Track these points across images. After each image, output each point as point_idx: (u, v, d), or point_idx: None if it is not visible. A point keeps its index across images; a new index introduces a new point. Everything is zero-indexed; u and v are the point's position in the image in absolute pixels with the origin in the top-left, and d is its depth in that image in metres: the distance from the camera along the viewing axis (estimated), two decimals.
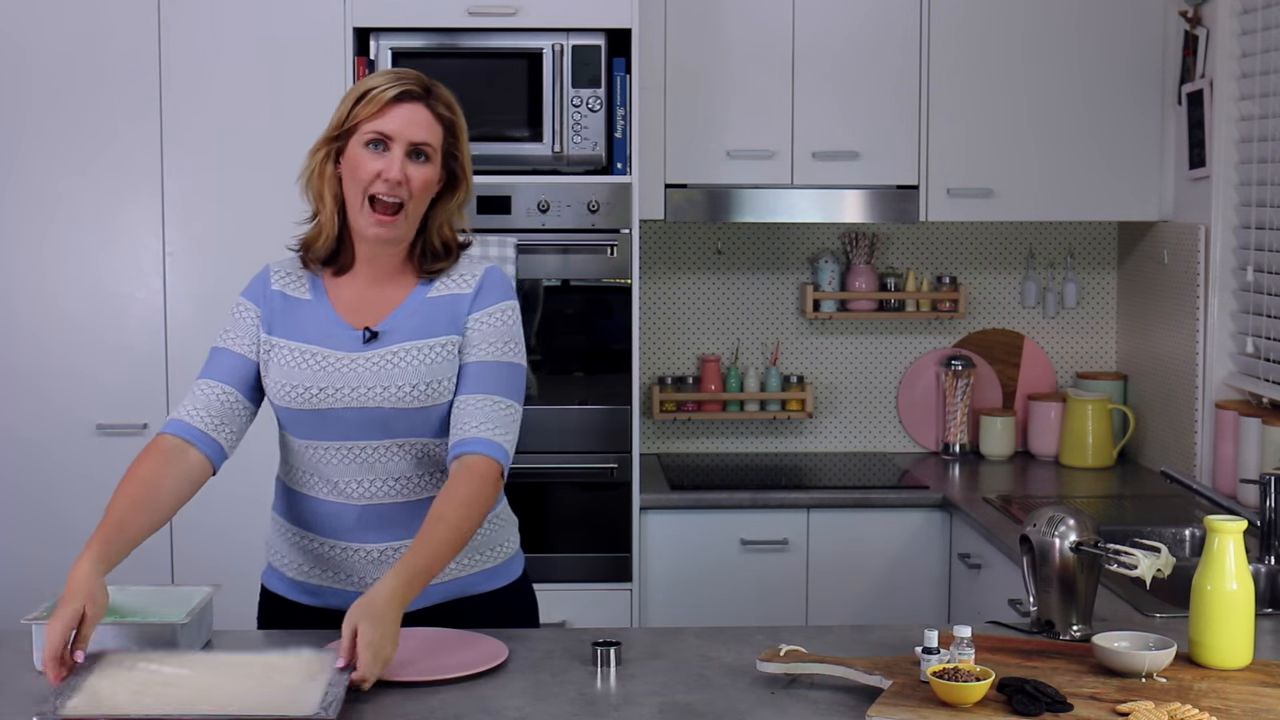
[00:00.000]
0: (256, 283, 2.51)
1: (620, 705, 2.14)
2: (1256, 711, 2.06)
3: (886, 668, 2.19)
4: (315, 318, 2.45)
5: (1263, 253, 3.75)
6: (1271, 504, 3.08)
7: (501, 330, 2.45)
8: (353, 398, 2.39)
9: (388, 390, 2.39)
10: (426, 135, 2.39)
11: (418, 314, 2.44)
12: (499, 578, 2.56)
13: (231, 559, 3.86)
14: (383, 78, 2.40)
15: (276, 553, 2.57)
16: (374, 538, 2.45)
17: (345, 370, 2.40)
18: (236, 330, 2.47)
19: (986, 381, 4.56)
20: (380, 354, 2.41)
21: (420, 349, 2.41)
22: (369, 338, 2.42)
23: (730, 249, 4.52)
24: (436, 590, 2.46)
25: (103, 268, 3.89)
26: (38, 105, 3.84)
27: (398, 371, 2.40)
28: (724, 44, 4.12)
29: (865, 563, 3.99)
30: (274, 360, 2.43)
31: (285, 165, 3.84)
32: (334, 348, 2.42)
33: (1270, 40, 3.70)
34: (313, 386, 2.40)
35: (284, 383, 2.42)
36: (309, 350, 2.42)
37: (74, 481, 3.89)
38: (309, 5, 3.84)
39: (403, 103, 2.38)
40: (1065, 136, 4.18)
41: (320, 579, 2.51)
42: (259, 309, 2.47)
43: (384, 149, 2.37)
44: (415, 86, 2.40)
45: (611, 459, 3.85)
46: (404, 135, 2.37)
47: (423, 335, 2.42)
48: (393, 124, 2.37)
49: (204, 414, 2.40)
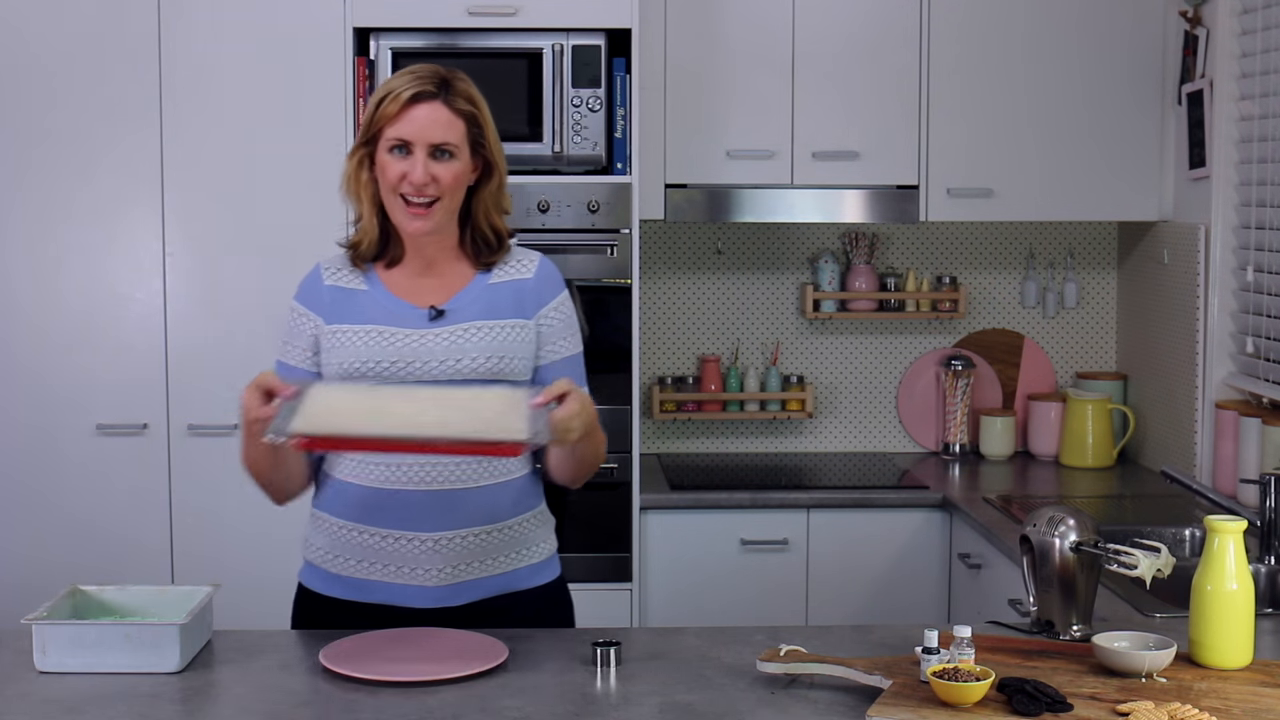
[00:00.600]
0: (309, 283, 2.54)
1: (620, 705, 2.14)
2: (1256, 711, 2.06)
3: (886, 668, 2.19)
4: (375, 302, 2.48)
5: (1263, 253, 3.75)
6: (1271, 504, 3.08)
7: (569, 323, 2.55)
8: (423, 370, 2.42)
9: (460, 363, 2.42)
10: (446, 134, 2.41)
11: (481, 298, 2.48)
12: (539, 575, 2.57)
13: (231, 558, 3.87)
14: (400, 79, 2.43)
15: (318, 550, 2.55)
16: (431, 525, 2.44)
17: (415, 345, 2.44)
18: (298, 341, 2.51)
19: (986, 381, 4.56)
20: (450, 330, 2.45)
21: (490, 327, 2.46)
22: (435, 315, 2.45)
23: (730, 249, 4.52)
24: (482, 586, 2.49)
25: (103, 268, 3.89)
26: (38, 106, 3.84)
27: (469, 345, 2.44)
28: (724, 44, 4.12)
29: (865, 563, 3.99)
30: (338, 344, 2.45)
31: (286, 165, 3.88)
32: (400, 325, 2.45)
33: (1270, 40, 3.70)
34: (383, 360, 2.42)
35: (348, 361, 2.43)
36: (375, 330, 2.45)
37: (74, 481, 3.89)
38: (309, 5, 3.84)
39: (419, 103, 2.40)
40: (1065, 136, 4.18)
41: (368, 573, 2.49)
42: (314, 312, 2.50)
43: (407, 152, 2.41)
44: (430, 85, 2.42)
45: (611, 459, 3.84)
46: (423, 137, 2.40)
47: (490, 316, 2.47)
48: (411, 128, 2.40)
49: None
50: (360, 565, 2.49)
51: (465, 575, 2.48)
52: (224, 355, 3.88)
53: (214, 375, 3.88)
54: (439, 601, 2.48)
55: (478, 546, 2.47)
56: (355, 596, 2.51)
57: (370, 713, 2.10)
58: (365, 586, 2.50)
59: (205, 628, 2.40)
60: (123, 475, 3.90)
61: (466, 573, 2.48)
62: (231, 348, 3.88)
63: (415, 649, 2.31)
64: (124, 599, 2.44)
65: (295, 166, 3.86)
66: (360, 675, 2.21)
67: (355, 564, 2.50)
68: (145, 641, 2.26)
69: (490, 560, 2.49)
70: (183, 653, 2.27)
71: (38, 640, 2.26)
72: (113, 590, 2.46)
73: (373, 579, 2.49)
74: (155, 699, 2.16)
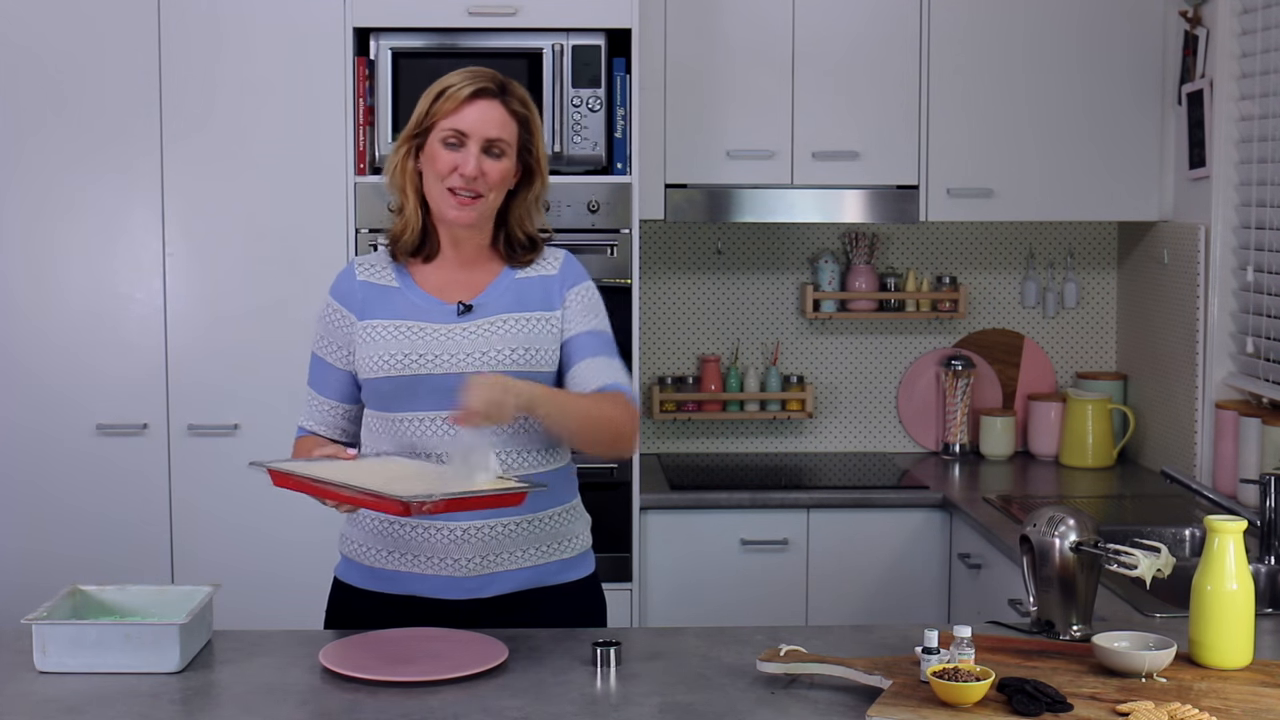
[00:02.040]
0: (343, 280, 2.59)
1: (620, 705, 2.14)
2: (1256, 711, 2.06)
3: (886, 668, 2.19)
4: (406, 299, 2.53)
5: (1263, 253, 3.75)
6: (1271, 504, 3.08)
7: (596, 303, 2.59)
8: (451, 363, 2.46)
9: (487, 355, 2.47)
10: (500, 131, 2.47)
11: (509, 292, 2.54)
12: (573, 570, 2.58)
13: (231, 558, 3.86)
14: (459, 76, 2.49)
15: (352, 542, 2.58)
16: (460, 515, 2.45)
17: (443, 338, 2.49)
18: (334, 338, 2.56)
19: (986, 381, 4.56)
20: (478, 324, 2.50)
21: (517, 319, 2.51)
22: (463, 310, 2.50)
23: (730, 249, 4.52)
24: (514, 578, 2.50)
25: (103, 268, 3.88)
26: (38, 105, 3.84)
27: (496, 338, 2.48)
28: (724, 44, 4.12)
29: (865, 563, 3.99)
30: (370, 339, 2.51)
31: (286, 165, 3.87)
32: (429, 320, 2.50)
33: (1270, 40, 3.70)
34: (412, 353, 2.47)
35: (383, 353, 2.48)
36: (405, 325, 2.51)
37: (74, 481, 3.89)
38: (309, 5, 3.84)
39: (478, 100, 2.47)
40: (1065, 136, 4.18)
41: (399, 564, 2.51)
42: (347, 308, 2.55)
43: (460, 145, 2.46)
44: (490, 84, 2.48)
45: (611, 459, 3.84)
46: (479, 132, 2.46)
47: (518, 309, 2.52)
48: (468, 121, 2.46)
49: (328, 429, 2.60)
50: (392, 556, 2.51)
51: (495, 566, 2.49)
52: (224, 355, 3.88)
53: (214, 375, 3.88)
54: (470, 593, 2.49)
55: (508, 537, 2.48)
56: (387, 589, 2.52)
57: (370, 713, 2.10)
58: (396, 578, 2.51)
59: (205, 628, 2.40)
60: (123, 475, 3.90)
61: (496, 564, 2.49)
62: (231, 348, 3.88)
63: (415, 649, 2.31)
64: (124, 599, 2.44)
65: (295, 166, 3.86)
66: (360, 675, 2.21)
67: (387, 555, 2.52)
68: (145, 641, 2.26)
69: (521, 552, 2.50)
70: (183, 653, 2.27)
71: (38, 640, 2.26)
72: (113, 590, 2.47)
73: (404, 570, 2.51)
74: (155, 699, 2.16)
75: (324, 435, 2.59)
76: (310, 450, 2.46)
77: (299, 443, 2.61)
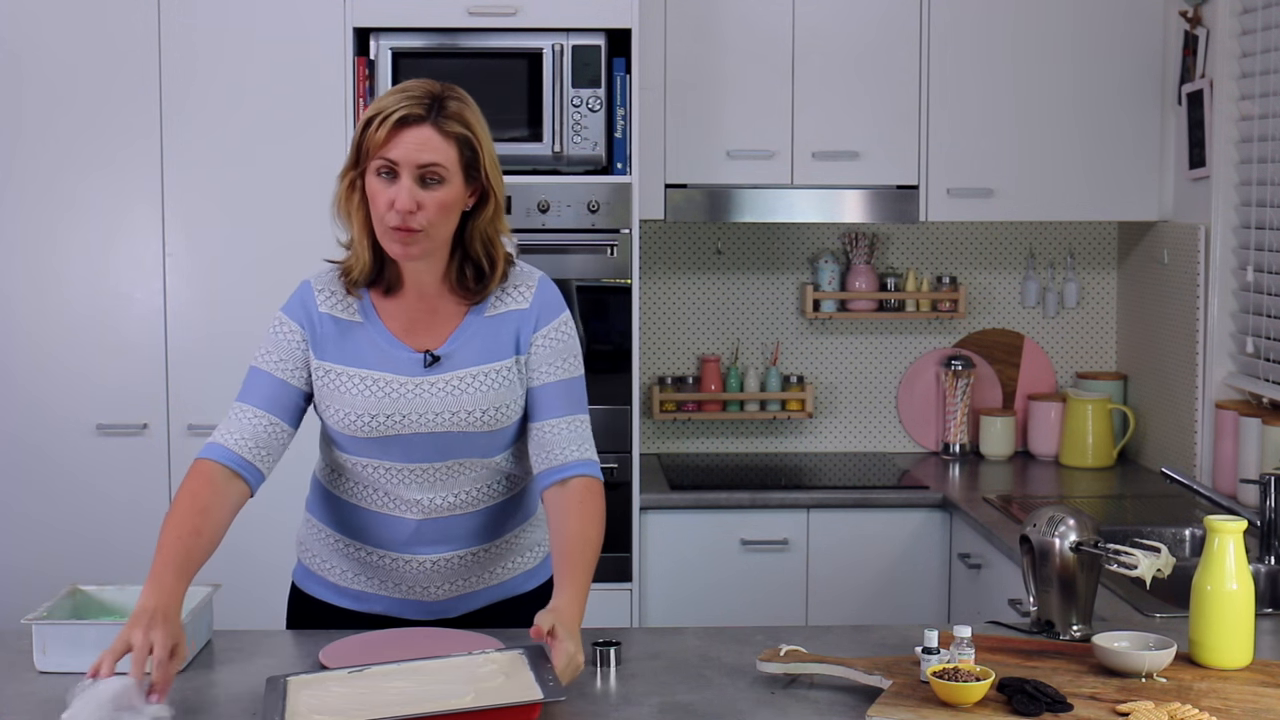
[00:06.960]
0: (299, 302, 2.42)
1: (620, 705, 2.14)
2: (1256, 711, 2.06)
3: (886, 668, 2.19)
4: (371, 342, 2.37)
5: (1263, 253, 3.75)
6: (1271, 504, 3.08)
7: (566, 346, 2.42)
8: (420, 423, 2.35)
9: (456, 415, 2.35)
10: (435, 156, 2.26)
11: (479, 335, 2.38)
12: (538, 576, 2.57)
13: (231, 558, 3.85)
14: (391, 98, 2.29)
15: (315, 556, 2.53)
16: (429, 549, 2.44)
17: (412, 396, 2.35)
18: (278, 352, 2.38)
19: (986, 381, 4.56)
20: (446, 379, 2.35)
21: (487, 373, 2.36)
22: (430, 361, 2.36)
23: (730, 249, 4.52)
24: (481, 596, 2.50)
25: (103, 268, 3.89)
26: (38, 106, 3.84)
27: (466, 397, 2.35)
28: (724, 44, 4.12)
29: (865, 563, 3.99)
30: (333, 387, 2.36)
31: (285, 165, 3.87)
32: (396, 372, 2.35)
33: (1270, 40, 3.70)
34: (379, 414, 2.34)
35: (349, 412, 2.35)
36: (370, 376, 2.35)
37: (74, 481, 3.89)
38: (309, 5, 3.84)
39: (408, 127, 2.26)
40: (1065, 136, 4.18)
41: (367, 585, 2.48)
42: (304, 331, 2.38)
43: (394, 176, 2.27)
44: (419, 108, 2.26)
45: (611, 459, 3.84)
46: (410, 161, 2.25)
47: (486, 359, 2.37)
48: (398, 150, 2.25)
49: (248, 442, 2.33)
50: (358, 579, 2.49)
51: (464, 589, 2.49)
52: (224, 355, 3.87)
53: (214, 375, 3.87)
54: (438, 614, 2.49)
55: (477, 563, 2.48)
56: (352, 605, 2.51)
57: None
58: (363, 597, 2.50)
59: (205, 628, 2.40)
60: (123, 475, 3.90)
61: (465, 586, 2.49)
62: (231, 348, 3.87)
63: (415, 649, 2.31)
64: (124, 599, 2.45)
65: (295, 166, 3.86)
66: None
67: (353, 576, 2.49)
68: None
69: (488, 572, 2.50)
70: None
71: (38, 640, 2.26)
72: (113, 590, 2.47)
73: (372, 591, 2.49)
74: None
75: (232, 448, 2.32)
76: (189, 548, 2.23)
77: (184, 492, 2.32)
